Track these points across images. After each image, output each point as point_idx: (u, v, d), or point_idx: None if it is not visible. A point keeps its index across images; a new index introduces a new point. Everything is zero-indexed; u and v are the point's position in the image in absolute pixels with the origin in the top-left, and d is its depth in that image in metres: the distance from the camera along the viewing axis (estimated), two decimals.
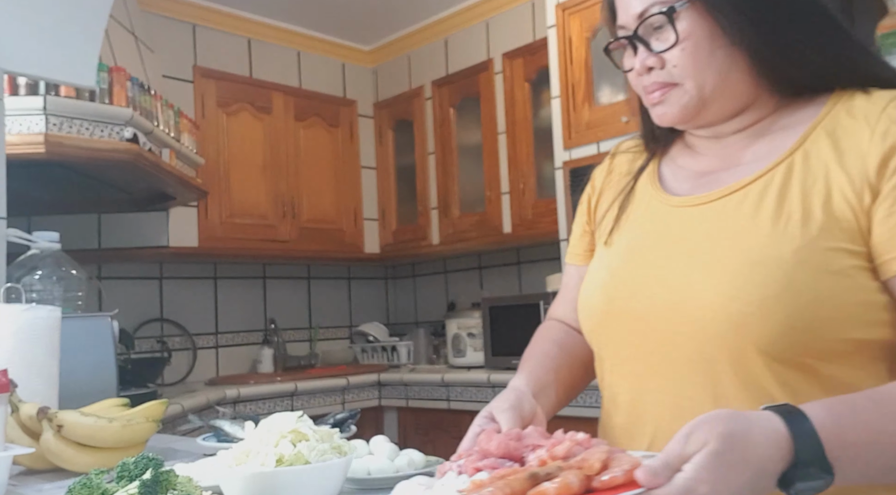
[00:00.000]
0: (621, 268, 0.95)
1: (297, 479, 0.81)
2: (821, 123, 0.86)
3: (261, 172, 3.67)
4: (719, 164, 0.94)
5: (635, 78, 0.94)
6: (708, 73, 0.88)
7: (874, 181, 0.80)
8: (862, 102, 0.85)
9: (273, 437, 0.85)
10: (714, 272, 0.83)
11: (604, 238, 1.01)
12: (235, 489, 0.81)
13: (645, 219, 0.97)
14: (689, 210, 0.92)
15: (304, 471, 0.81)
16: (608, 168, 1.11)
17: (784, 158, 0.86)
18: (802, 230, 0.81)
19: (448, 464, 0.76)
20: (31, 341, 1.31)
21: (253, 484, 0.80)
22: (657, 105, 0.93)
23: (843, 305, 0.79)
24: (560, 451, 0.70)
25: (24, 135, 2.21)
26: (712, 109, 0.91)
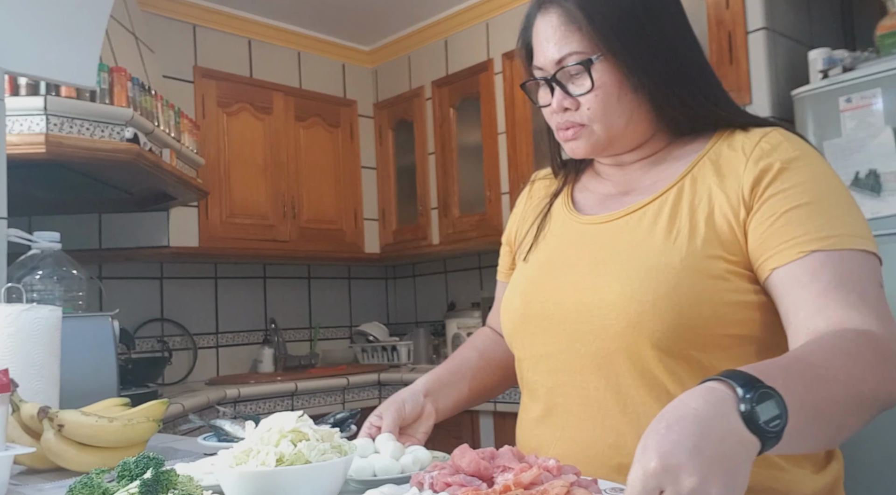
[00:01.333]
0: (537, 277, 1.08)
1: (298, 479, 0.81)
2: (706, 154, 1.02)
3: (261, 172, 3.68)
4: (622, 188, 1.09)
5: (549, 114, 1.07)
6: (615, 116, 1.02)
7: (748, 199, 0.94)
8: (741, 137, 1.00)
9: (273, 437, 0.85)
10: (616, 277, 0.96)
11: (523, 255, 1.14)
12: (236, 488, 0.81)
13: (559, 237, 1.11)
14: (596, 227, 1.06)
15: (304, 471, 0.81)
16: (528, 194, 1.27)
17: (676, 182, 1.01)
18: (689, 242, 0.95)
19: (422, 474, 0.79)
20: (31, 341, 1.31)
21: (253, 483, 0.81)
22: (570, 141, 1.06)
23: (721, 305, 0.92)
24: (526, 478, 0.71)
25: (25, 135, 2.22)
26: (617, 145, 1.06)
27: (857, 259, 0.89)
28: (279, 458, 0.82)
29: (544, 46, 1.03)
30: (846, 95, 2.28)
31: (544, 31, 1.03)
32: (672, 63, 1.01)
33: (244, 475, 0.81)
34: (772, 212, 0.93)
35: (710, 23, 2.63)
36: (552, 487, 0.69)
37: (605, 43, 0.98)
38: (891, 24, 2.37)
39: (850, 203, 0.94)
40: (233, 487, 0.81)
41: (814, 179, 0.94)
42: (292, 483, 0.81)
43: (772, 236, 0.92)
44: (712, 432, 0.61)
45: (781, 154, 0.96)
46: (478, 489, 0.72)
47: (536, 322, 1.04)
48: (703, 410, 0.62)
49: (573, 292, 1.00)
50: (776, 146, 0.97)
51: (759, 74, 2.53)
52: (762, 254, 0.92)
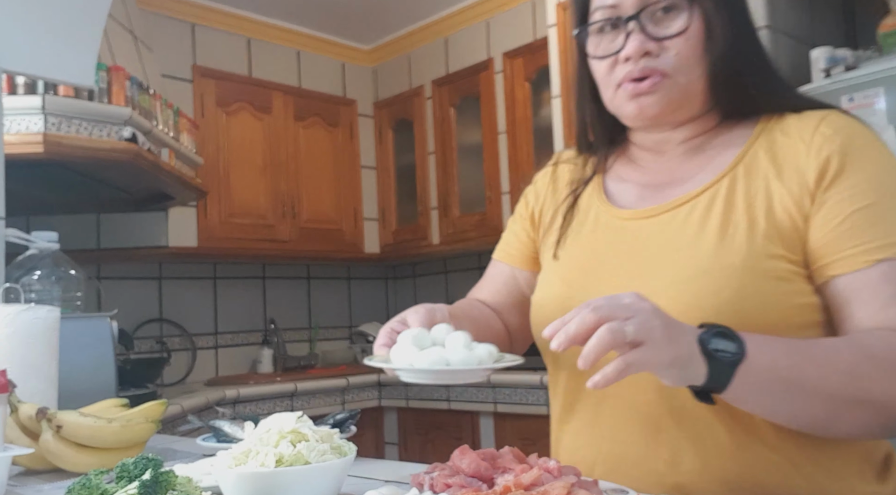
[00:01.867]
0: (576, 281, 0.98)
1: (297, 479, 0.81)
2: (757, 140, 0.93)
3: (260, 172, 3.67)
4: (662, 178, 0.99)
5: (609, 67, 0.94)
6: (696, 71, 0.92)
7: (813, 191, 0.87)
8: (794, 122, 0.92)
9: (273, 438, 0.85)
10: (670, 281, 0.88)
11: (551, 251, 1.04)
12: (235, 489, 0.81)
13: (594, 233, 1.01)
14: (639, 222, 0.96)
15: (303, 472, 0.81)
16: (551, 176, 1.15)
17: (727, 172, 0.92)
18: (748, 239, 0.87)
19: (422, 475, 0.78)
20: (29, 341, 1.31)
21: (252, 484, 0.80)
22: (643, 95, 0.93)
23: (787, 308, 0.85)
24: (526, 480, 0.71)
25: (23, 135, 2.21)
26: (680, 112, 0.95)
27: None
28: (278, 459, 0.82)
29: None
30: (849, 94, 2.28)
31: None
32: (752, 32, 0.94)
33: (243, 476, 0.80)
34: (837, 211, 0.86)
35: None
36: (553, 488, 0.69)
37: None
38: (893, 23, 2.36)
39: None
40: (232, 488, 0.81)
41: (878, 174, 0.87)
42: (291, 484, 0.80)
43: (836, 239, 0.85)
44: (675, 324, 0.75)
45: (843, 142, 0.88)
46: (478, 490, 0.72)
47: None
48: (670, 320, 0.75)
49: None
50: (837, 131, 0.89)
51: None
52: (823, 258, 0.86)
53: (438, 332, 0.87)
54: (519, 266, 1.14)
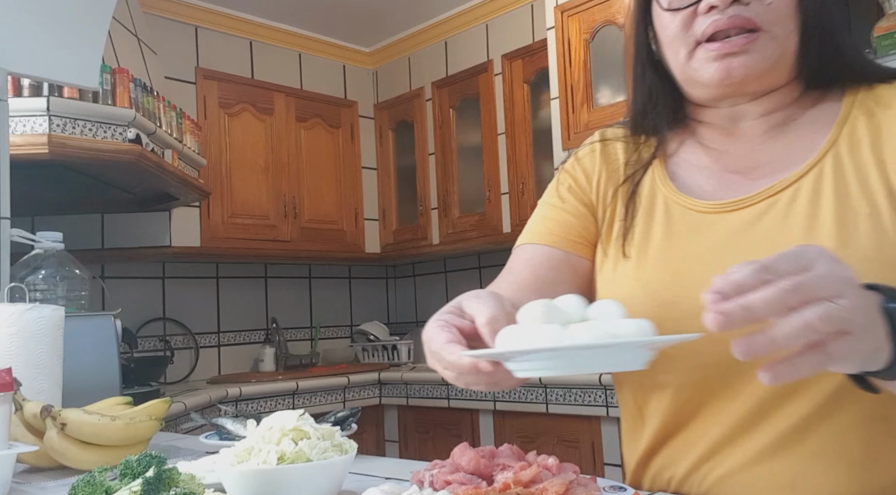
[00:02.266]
0: (661, 287, 0.81)
1: (299, 477, 0.81)
2: (851, 113, 0.81)
3: (262, 173, 3.69)
4: (744, 162, 0.84)
5: (692, 18, 0.80)
6: (790, 25, 0.78)
7: None
8: (887, 91, 0.81)
9: (275, 435, 0.85)
10: None
11: (618, 248, 0.88)
12: (237, 486, 0.82)
13: (668, 227, 0.85)
14: (727, 216, 0.81)
15: (305, 469, 0.82)
16: (600, 154, 0.96)
17: (827, 150, 0.79)
18: (874, 226, 0.73)
19: (422, 473, 0.78)
20: (34, 340, 1.32)
21: (254, 481, 0.81)
22: (728, 56, 0.78)
23: None
24: (525, 477, 0.71)
25: (28, 136, 2.23)
26: (770, 76, 0.81)
27: None
28: (280, 457, 0.82)
29: None
30: None
31: None
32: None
33: (245, 473, 0.81)
34: None
35: None
36: (551, 485, 0.69)
37: None
38: (888, 26, 2.37)
39: None
40: (234, 485, 0.82)
41: None
42: (293, 481, 0.81)
43: None
44: (869, 298, 0.57)
45: None
46: (477, 487, 0.72)
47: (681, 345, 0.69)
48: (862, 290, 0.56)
49: None
50: None
51: None
52: None
53: (570, 305, 0.64)
54: (577, 252, 0.93)
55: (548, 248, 0.93)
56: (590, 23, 2.85)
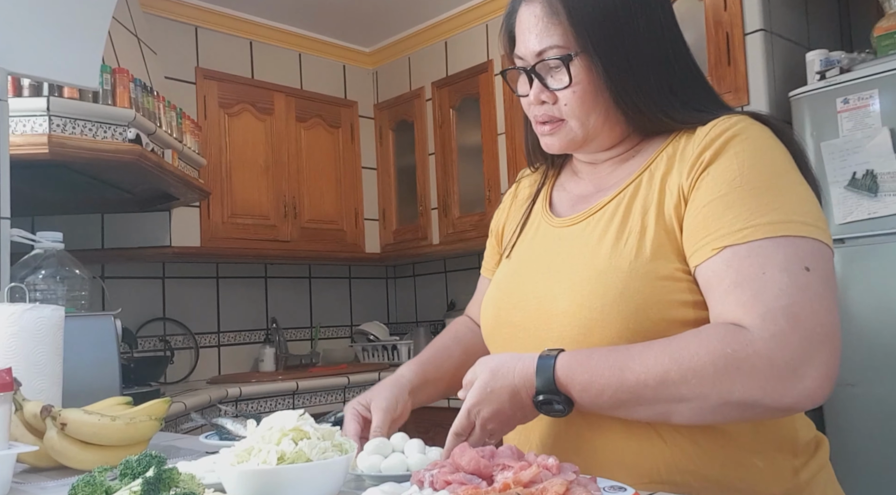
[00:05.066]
0: (506, 284, 1.08)
1: (299, 477, 0.82)
2: (664, 149, 0.99)
3: (262, 173, 3.69)
4: (593, 188, 1.07)
5: (527, 105, 1.05)
6: (592, 115, 1.00)
7: (686, 192, 0.92)
8: (699, 129, 0.96)
9: (275, 435, 0.85)
10: (569, 284, 0.96)
11: (507, 253, 1.14)
12: (237, 486, 0.82)
13: (533, 240, 1.10)
14: (562, 230, 1.05)
15: (305, 469, 0.82)
16: (514, 193, 1.25)
17: (632, 180, 0.99)
18: (638, 243, 0.92)
19: (423, 473, 0.79)
20: (34, 340, 1.32)
21: (254, 481, 0.81)
22: (545, 136, 1.04)
23: (670, 306, 0.89)
24: (525, 477, 0.72)
25: (28, 136, 2.23)
26: (593, 144, 1.03)
27: (767, 249, 0.84)
28: (280, 457, 0.82)
29: (526, 36, 1.00)
30: (843, 96, 2.29)
31: (527, 20, 1.00)
32: (651, 68, 0.97)
33: (245, 473, 0.81)
34: (696, 203, 0.90)
35: (707, 24, 2.64)
36: (551, 485, 0.69)
37: (584, 41, 0.96)
38: (888, 26, 2.38)
39: (780, 185, 0.88)
40: (234, 485, 0.82)
41: (741, 164, 0.89)
42: (293, 481, 0.81)
43: (693, 231, 0.90)
44: (515, 409, 0.92)
45: (721, 139, 0.92)
46: (477, 487, 0.73)
47: (506, 329, 1.04)
48: (515, 389, 0.90)
49: (534, 299, 1.00)
50: (721, 132, 0.92)
51: (756, 76, 2.54)
52: (688, 250, 0.90)
53: (397, 441, 1.01)
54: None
55: (483, 278, 1.29)
56: None
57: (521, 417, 0.92)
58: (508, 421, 0.92)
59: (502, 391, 0.90)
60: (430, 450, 0.98)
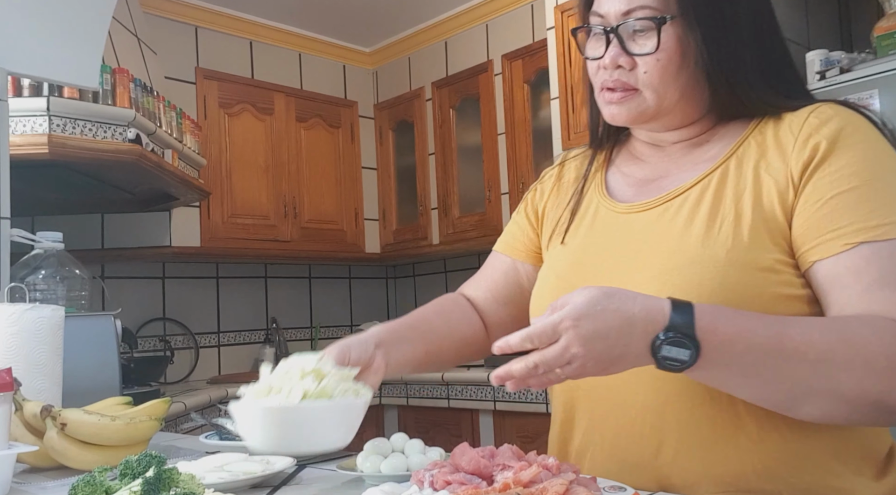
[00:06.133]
0: (569, 274, 1.00)
1: (323, 414, 0.77)
2: (751, 134, 0.94)
3: (262, 173, 3.69)
4: (661, 172, 1.00)
5: (596, 69, 0.97)
6: (671, 88, 0.93)
7: (797, 181, 0.87)
8: (788, 116, 0.92)
9: (295, 374, 0.80)
10: (656, 272, 0.88)
11: (560, 237, 1.05)
12: (258, 425, 0.76)
13: (592, 226, 1.02)
14: (633, 216, 0.97)
15: (330, 407, 0.77)
16: (558, 174, 1.16)
17: (719, 165, 0.93)
18: (735, 231, 0.87)
19: (423, 473, 0.78)
20: (34, 340, 1.32)
21: (277, 418, 0.76)
22: (612, 104, 0.96)
23: (770, 299, 0.84)
24: (525, 477, 0.71)
25: (28, 136, 2.23)
26: (663, 120, 0.97)
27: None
28: (304, 394, 0.77)
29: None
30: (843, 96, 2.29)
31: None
32: (748, 44, 0.92)
33: (269, 410, 0.76)
34: (818, 196, 0.85)
35: None
36: (551, 485, 0.69)
37: (684, 4, 0.90)
38: (888, 26, 2.38)
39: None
40: (254, 424, 0.77)
41: (864, 158, 0.85)
42: (317, 418, 0.77)
43: (816, 224, 0.84)
44: (620, 339, 0.75)
45: (830, 129, 0.87)
46: (477, 487, 0.72)
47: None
48: (631, 318, 0.76)
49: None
50: (825, 121, 0.88)
51: None
52: (805, 244, 0.85)
53: (397, 441, 1.00)
54: (522, 259, 1.15)
55: (503, 256, 1.18)
56: None
57: (618, 356, 0.76)
58: (601, 354, 0.75)
59: (614, 314, 0.75)
60: (430, 450, 0.97)
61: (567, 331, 0.74)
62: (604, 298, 0.75)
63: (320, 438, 0.79)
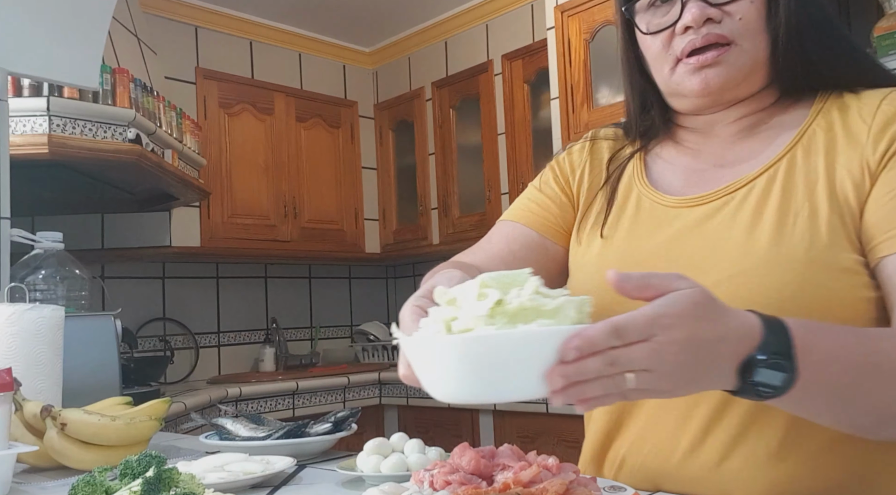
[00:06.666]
0: (621, 267, 0.85)
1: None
2: (815, 120, 0.85)
3: (262, 173, 3.69)
4: (712, 161, 0.91)
5: (670, 38, 0.86)
6: (762, 37, 0.84)
7: (874, 172, 0.79)
8: (853, 101, 0.85)
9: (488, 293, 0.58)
10: (725, 275, 0.79)
11: (598, 229, 0.95)
12: (452, 362, 0.55)
13: (636, 219, 0.92)
14: (688, 210, 0.87)
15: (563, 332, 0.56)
16: (588, 151, 1.03)
17: (786, 152, 0.84)
18: (811, 227, 0.78)
19: (422, 473, 0.77)
20: (34, 340, 1.32)
21: (489, 350, 0.55)
22: (705, 69, 0.84)
23: (855, 303, 0.76)
24: (525, 477, 0.71)
25: (28, 136, 2.23)
26: (745, 85, 0.87)
27: None
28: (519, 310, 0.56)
29: None
30: None
31: None
32: (825, 7, 0.85)
33: (483, 339, 0.55)
34: (889, 187, 0.77)
35: None
36: (551, 485, 0.69)
37: None
38: (888, 26, 2.37)
39: None
40: (450, 362, 0.56)
41: None
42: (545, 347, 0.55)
43: (886, 217, 0.76)
44: (707, 357, 0.61)
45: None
46: (477, 487, 0.72)
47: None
48: (720, 337, 0.61)
49: None
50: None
51: None
52: (874, 238, 0.77)
53: (397, 441, 0.99)
54: (552, 238, 1.00)
55: (525, 228, 1.00)
56: (590, 23, 2.85)
57: (700, 375, 0.61)
58: (683, 370, 0.59)
59: (712, 325, 0.60)
60: (430, 450, 0.97)
61: (666, 331, 0.58)
62: (708, 303, 0.61)
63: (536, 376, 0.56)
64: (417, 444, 0.98)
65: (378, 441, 0.99)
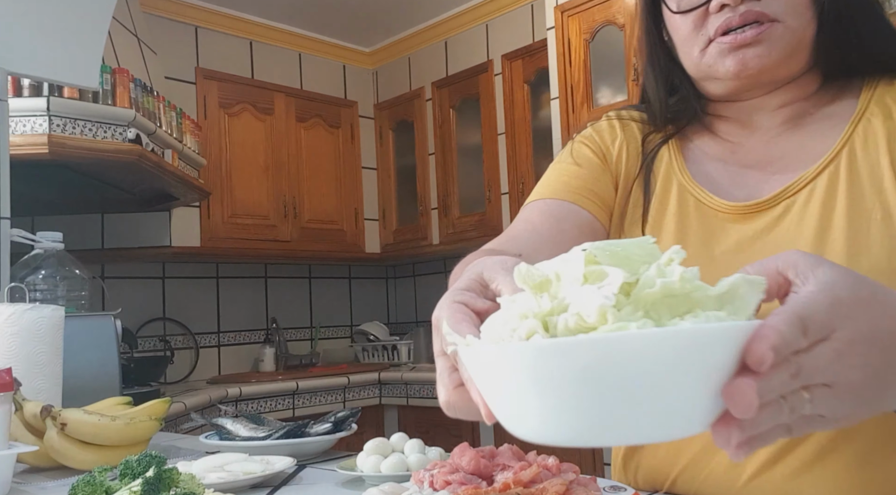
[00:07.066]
0: None
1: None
2: (868, 108, 0.79)
3: (262, 173, 3.69)
4: (759, 156, 0.83)
5: (704, 16, 0.79)
6: (807, 13, 0.77)
7: None
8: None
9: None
10: None
11: (637, 224, 0.86)
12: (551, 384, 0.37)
13: (684, 221, 0.83)
14: (745, 219, 0.79)
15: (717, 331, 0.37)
16: (620, 128, 0.93)
17: (840, 148, 0.77)
18: (887, 232, 0.71)
19: (422, 473, 0.76)
20: (34, 340, 1.32)
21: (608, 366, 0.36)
22: (744, 48, 0.76)
23: None
24: (525, 477, 0.70)
25: (28, 136, 2.23)
26: (787, 66, 0.79)
27: None
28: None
29: None
30: None
31: None
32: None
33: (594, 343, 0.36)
34: None
35: None
36: (551, 485, 0.69)
37: None
38: None
39: None
40: (548, 384, 0.37)
41: None
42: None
43: None
44: (890, 346, 0.44)
45: None
46: (477, 487, 0.72)
47: None
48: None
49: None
50: None
51: None
52: None
53: (397, 441, 0.99)
54: (598, 216, 0.87)
55: (572, 205, 0.86)
56: (590, 23, 2.85)
57: (875, 394, 0.43)
58: (855, 385, 0.42)
59: (891, 319, 0.44)
60: (430, 450, 0.98)
61: (847, 323, 0.41)
62: (880, 291, 0.45)
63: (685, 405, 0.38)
64: (417, 444, 0.99)
65: (378, 441, 0.99)
